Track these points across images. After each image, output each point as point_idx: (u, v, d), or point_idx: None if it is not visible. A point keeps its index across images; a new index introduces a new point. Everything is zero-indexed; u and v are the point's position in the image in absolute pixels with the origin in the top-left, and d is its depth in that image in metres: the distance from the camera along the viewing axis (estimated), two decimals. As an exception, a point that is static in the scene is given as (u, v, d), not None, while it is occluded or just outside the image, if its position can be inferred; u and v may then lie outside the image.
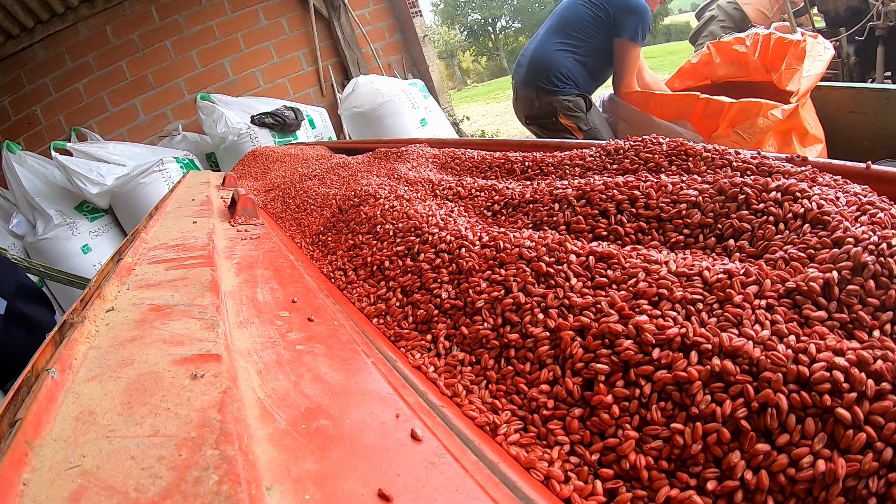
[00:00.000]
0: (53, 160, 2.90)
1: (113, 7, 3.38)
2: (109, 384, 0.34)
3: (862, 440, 0.28)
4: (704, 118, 1.77)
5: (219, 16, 3.66)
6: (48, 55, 3.32)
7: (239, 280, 0.60)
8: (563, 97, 1.92)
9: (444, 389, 0.42)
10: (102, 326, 0.44)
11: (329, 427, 0.32)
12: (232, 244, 0.77)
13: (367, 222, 0.75)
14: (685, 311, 0.38)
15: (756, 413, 0.31)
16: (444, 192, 0.80)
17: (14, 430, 0.28)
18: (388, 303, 0.56)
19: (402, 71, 4.22)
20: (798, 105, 1.68)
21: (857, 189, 0.49)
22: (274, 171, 1.63)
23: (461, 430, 0.35)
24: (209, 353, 0.38)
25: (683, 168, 0.63)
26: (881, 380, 0.30)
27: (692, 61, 2.27)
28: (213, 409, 0.30)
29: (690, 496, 0.30)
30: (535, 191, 0.66)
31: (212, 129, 3.27)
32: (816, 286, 0.36)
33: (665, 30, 23.15)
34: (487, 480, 0.30)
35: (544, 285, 0.46)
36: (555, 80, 1.93)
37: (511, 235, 0.54)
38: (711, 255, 0.47)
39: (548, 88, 1.94)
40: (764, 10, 3.93)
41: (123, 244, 0.78)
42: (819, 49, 1.85)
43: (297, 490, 0.27)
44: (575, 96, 1.93)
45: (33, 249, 3.00)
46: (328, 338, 0.45)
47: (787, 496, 0.29)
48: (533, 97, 2.00)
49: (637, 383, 0.35)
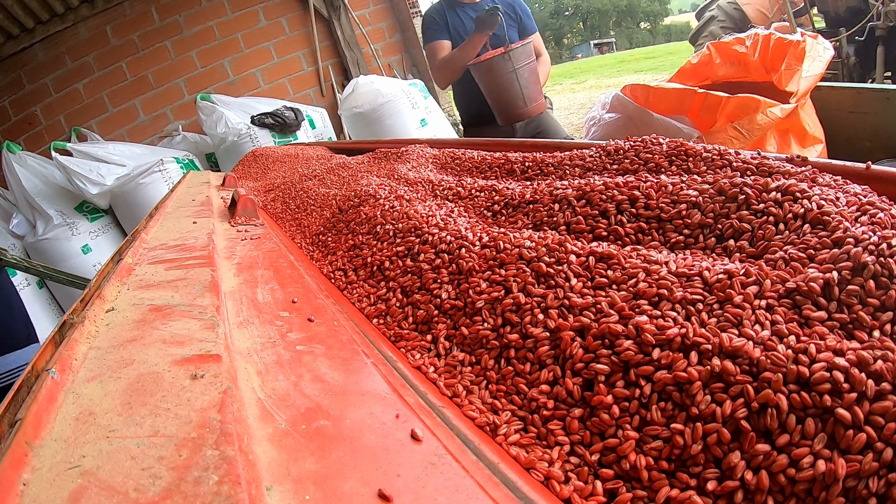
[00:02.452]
0: (53, 160, 2.90)
1: (113, 7, 3.38)
2: (109, 384, 0.34)
3: (862, 440, 0.28)
4: (702, 113, 1.77)
5: (219, 16, 3.66)
6: (48, 55, 3.32)
7: (239, 280, 0.60)
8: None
9: (444, 390, 0.42)
10: (102, 327, 0.44)
11: (329, 427, 0.32)
12: (232, 244, 0.77)
13: (367, 223, 0.75)
14: (685, 312, 0.38)
15: (756, 413, 0.31)
16: (444, 193, 0.80)
17: (14, 430, 0.28)
18: (388, 303, 0.56)
19: (402, 71, 4.22)
20: (797, 106, 1.68)
21: (857, 189, 0.49)
22: (274, 172, 1.63)
23: (461, 430, 0.35)
24: (209, 354, 0.38)
25: (683, 168, 0.63)
26: (881, 380, 0.30)
27: (692, 62, 2.28)
28: (213, 409, 0.30)
29: (690, 496, 0.30)
30: (535, 191, 0.66)
31: (212, 130, 3.27)
32: (816, 286, 0.36)
33: (665, 30, 23.17)
34: (487, 481, 0.30)
35: (544, 286, 0.46)
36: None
37: (511, 236, 0.54)
38: (711, 256, 0.47)
39: None
40: (764, 10, 3.93)
41: (123, 244, 0.78)
42: (819, 49, 1.85)
43: (297, 490, 0.27)
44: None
45: (33, 249, 3.00)
46: (328, 338, 0.45)
47: (788, 496, 0.29)
48: None
49: (637, 383, 0.35)
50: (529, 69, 1.77)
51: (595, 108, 2.26)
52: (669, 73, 2.48)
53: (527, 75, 1.76)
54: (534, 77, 1.79)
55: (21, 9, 2.97)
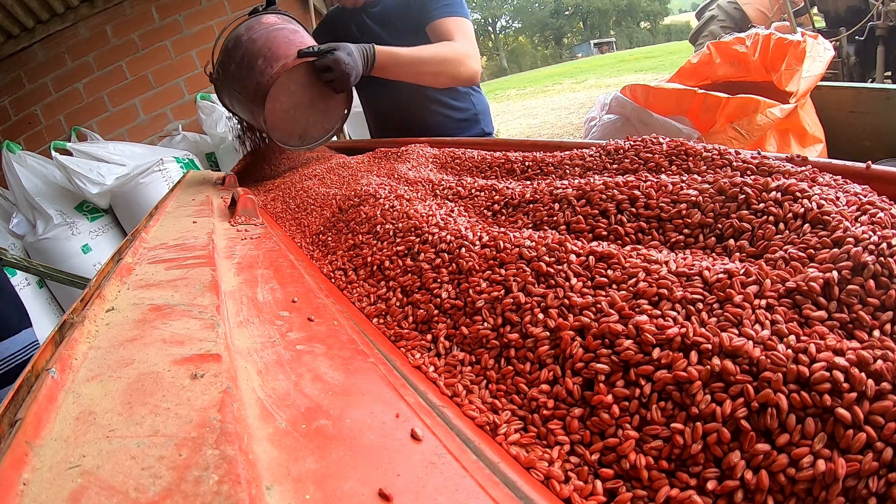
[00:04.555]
0: (53, 160, 2.90)
1: (113, 7, 3.38)
2: (109, 384, 0.34)
3: (862, 440, 0.28)
4: (702, 113, 1.78)
5: (219, 16, 3.66)
6: (48, 55, 3.31)
7: (239, 280, 0.60)
8: None
9: (444, 389, 0.42)
10: (102, 326, 0.44)
11: (329, 427, 0.32)
12: (232, 244, 0.77)
13: (367, 222, 0.75)
14: (685, 311, 0.38)
15: (756, 413, 0.31)
16: (444, 192, 0.80)
17: (14, 430, 0.28)
18: (388, 303, 0.56)
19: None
20: (797, 106, 1.68)
21: (857, 189, 0.49)
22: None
23: (461, 429, 0.35)
24: (209, 353, 0.38)
25: (683, 168, 0.63)
26: (881, 380, 0.30)
27: (692, 61, 2.28)
28: (213, 408, 0.30)
29: (690, 496, 0.30)
30: (535, 191, 0.66)
31: (212, 129, 3.27)
32: (816, 286, 0.36)
33: (665, 30, 23.19)
34: (487, 480, 0.30)
35: (544, 285, 0.46)
36: None
37: (511, 235, 0.54)
38: (711, 255, 0.47)
39: None
40: (764, 10, 3.93)
41: (123, 244, 0.78)
42: (819, 50, 1.85)
43: (298, 490, 0.27)
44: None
45: (33, 249, 3.00)
46: (328, 338, 0.45)
47: (787, 496, 0.29)
48: None
49: (637, 383, 0.35)
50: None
51: (594, 109, 2.26)
52: (669, 72, 2.48)
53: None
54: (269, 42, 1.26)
55: (21, 8, 2.97)
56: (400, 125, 1.69)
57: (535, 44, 37.96)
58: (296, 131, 1.32)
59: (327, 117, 1.35)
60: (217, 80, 1.35)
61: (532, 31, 37.55)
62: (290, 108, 1.26)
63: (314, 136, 1.35)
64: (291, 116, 1.28)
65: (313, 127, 1.33)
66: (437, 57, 1.44)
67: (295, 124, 1.30)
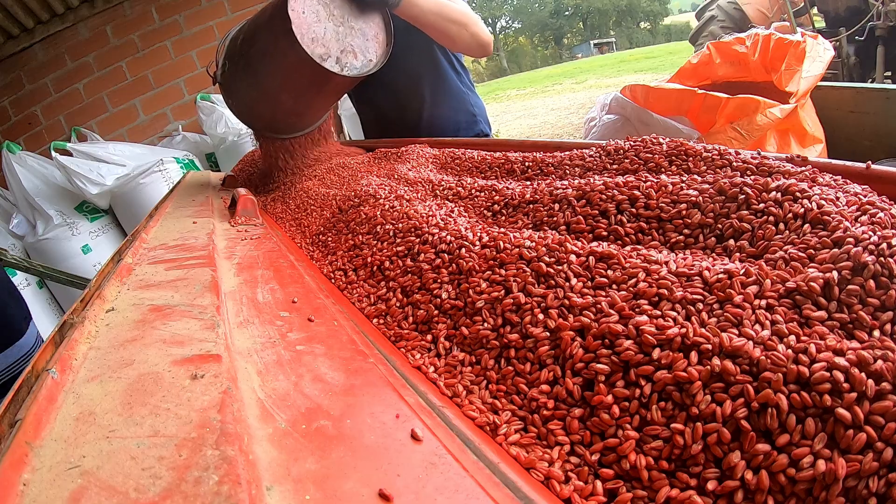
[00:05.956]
0: (53, 160, 2.90)
1: (113, 7, 3.38)
2: (109, 384, 0.34)
3: (862, 440, 0.28)
4: (702, 113, 1.78)
5: (219, 16, 3.66)
6: (48, 55, 3.32)
7: (239, 280, 0.60)
8: None
9: (444, 390, 0.42)
10: (102, 327, 0.44)
11: (329, 427, 0.32)
12: (232, 244, 0.77)
13: (367, 222, 0.75)
14: (685, 312, 0.38)
15: (756, 413, 0.31)
16: (444, 193, 0.80)
17: (14, 430, 0.28)
18: (389, 303, 0.56)
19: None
20: (797, 106, 1.68)
21: (857, 189, 0.49)
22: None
23: (461, 430, 0.35)
24: (209, 354, 0.38)
25: (683, 168, 0.63)
26: (881, 380, 0.30)
27: (692, 61, 2.28)
28: (213, 409, 0.30)
29: (691, 496, 0.30)
30: (535, 191, 0.66)
31: (212, 129, 3.27)
32: (816, 286, 0.36)
33: (665, 30, 23.19)
34: (487, 480, 0.30)
35: (544, 285, 0.46)
36: None
37: (511, 235, 0.54)
38: (711, 256, 0.47)
39: None
40: (764, 10, 3.93)
41: (123, 244, 0.78)
42: (819, 50, 1.85)
43: (298, 490, 0.27)
44: None
45: (33, 250, 3.00)
46: (328, 338, 0.45)
47: (788, 496, 0.29)
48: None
49: (637, 383, 0.35)
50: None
51: (594, 109, 2.26)
52: (669, 72, 2.48)
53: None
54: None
55: (21, 9, 2.97)
56: (399, 125, 1.68)
57: (535, 44, 37.97)
58: (331, 47, 1.08)
59: (367, 45, 1.13)
60: (224, 72, 1.23)
61: (532, 31, 37.56)
62: (318, 11, 1.06)
63: (355, 66, 1.10)
64: (322, 27, 1.07)
65: (352, 53, 1.11)
66: (461, 11, 1.35)
67: (326, 36, 1.07)
